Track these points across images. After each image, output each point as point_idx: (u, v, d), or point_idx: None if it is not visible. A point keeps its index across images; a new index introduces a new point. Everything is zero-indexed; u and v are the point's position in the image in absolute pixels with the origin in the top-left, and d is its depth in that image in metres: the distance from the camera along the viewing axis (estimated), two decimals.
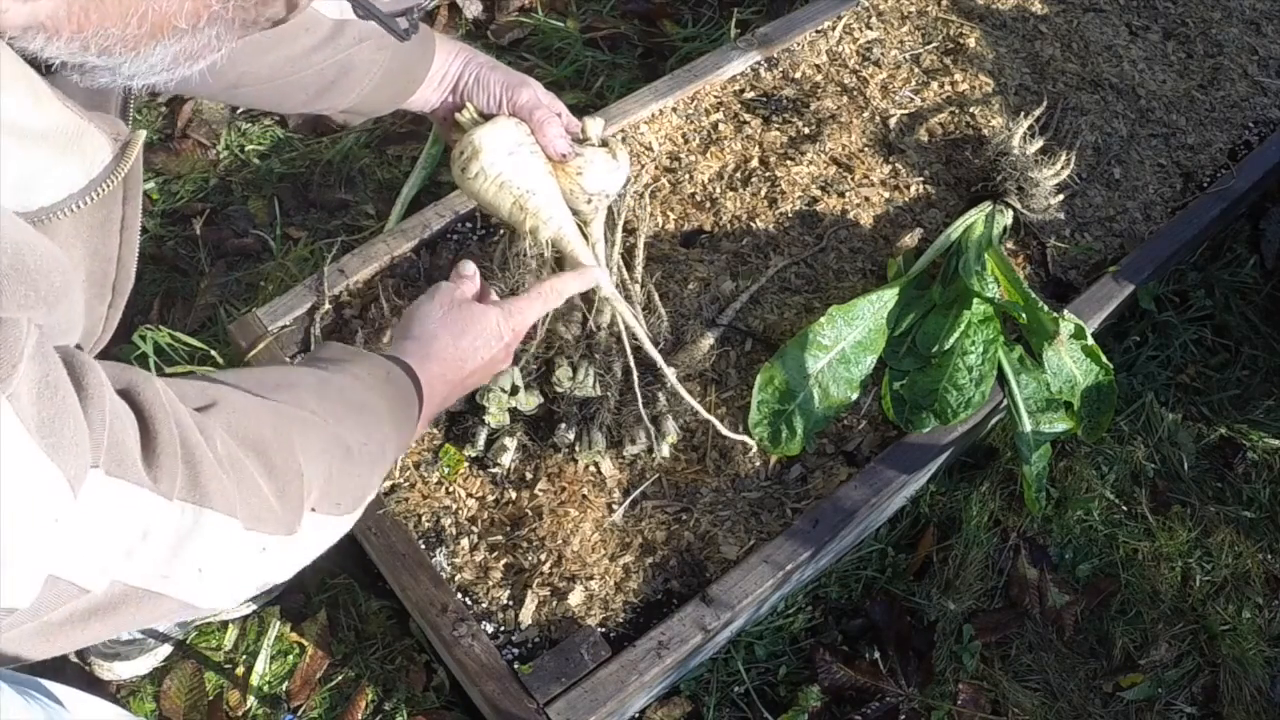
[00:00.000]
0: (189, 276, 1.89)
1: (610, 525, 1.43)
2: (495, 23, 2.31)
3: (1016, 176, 1.72)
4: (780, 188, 1.78)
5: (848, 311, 1.57)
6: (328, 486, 0.83)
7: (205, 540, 0.70)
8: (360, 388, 0.95)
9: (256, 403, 0.80)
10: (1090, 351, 1.63)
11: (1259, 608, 1.68)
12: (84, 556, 0.63)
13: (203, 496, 0.69)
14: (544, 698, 1.28)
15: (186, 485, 0.68)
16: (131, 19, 0.59)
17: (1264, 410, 1.87)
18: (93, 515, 0.62)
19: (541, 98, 1.27)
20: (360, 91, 1.18)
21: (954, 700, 1.54)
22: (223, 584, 0.74)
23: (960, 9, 2.11)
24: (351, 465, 0.87)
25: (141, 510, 0.65)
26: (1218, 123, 2.02)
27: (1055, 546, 1.70)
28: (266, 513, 0.75)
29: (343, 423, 0.88)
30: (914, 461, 1.52)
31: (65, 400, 0.59)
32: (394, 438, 0.97)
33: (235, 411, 0.76)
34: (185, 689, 1.48)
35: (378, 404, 0.96)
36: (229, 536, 0.71)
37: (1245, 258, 2.00)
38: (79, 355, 0.64)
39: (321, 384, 0.91)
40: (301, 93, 1.14)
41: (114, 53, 0.61)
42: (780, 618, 1.57)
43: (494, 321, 1.17)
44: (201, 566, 0.70)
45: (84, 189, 0.69)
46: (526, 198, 1.26)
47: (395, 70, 1.19)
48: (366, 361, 1.01)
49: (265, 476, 0.75)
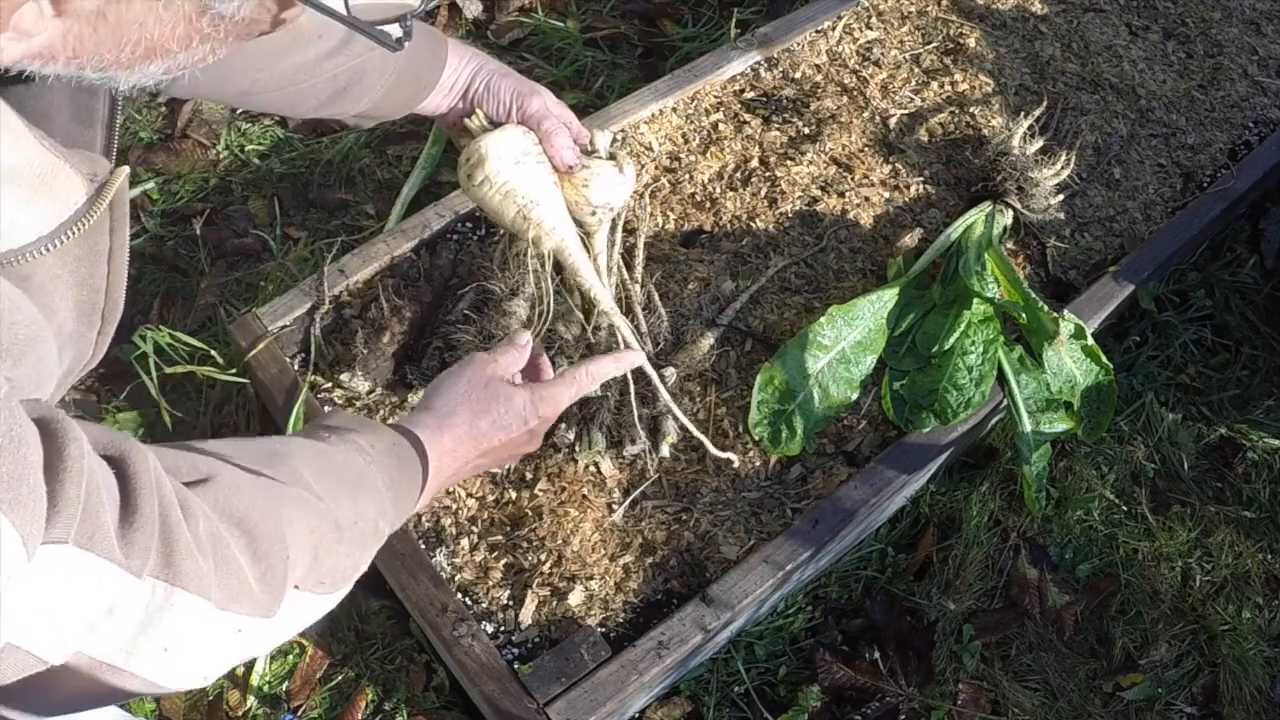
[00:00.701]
0: (189, 276, 1.89)
1: (610, 525, 1.43)
2: (495, 23, 2.32)
3: (1016, 176, 1.72)
4: (780, 188, 1.78)
5: (848, 311, 1.57)
6: (314, 565, 0.81)
7: (175, 620, 0.68)
8: (361, 461, 0.92)
9: (248, 480, 0.79)
10: (1090, 351, 1.63)
11: (1259, 608, 1.68)
12: (44, 626, 0.61)
13: (175, 575, 0.67)
14: (544, 698, 1.28)
15: (160, 563, 0.66)
16: (125, 46, 0.60)
17: (1264, 410, 1.87)
18: (56, 585, 0.61)
19: (551, 107, 1.27)
20: (372, 97, 1.18)
21: (954, 700, 1.54)
22: (192, 664, 0.72)
23: (960, 9, 2.11)
24: (341, 544, 0.85)
25: (109, 585, 0.63)
26: (1218, 123, 2.02)
27: (1055, 546, 1.70)
28: (245, 594, 0.73)
29: (336, 498, 0.85)
30: (914, 461, 1.52)
31: (27, 457, 0.58)
32: (390, 512, 0.94)
33: (225, 488, 0.75)
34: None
35: (376, 478, 0.93)
36: (201, 618, 0.70)
37: (1245, 258, 2.00)
38: (63, 421, 0.62)
39: (318, 456, 0.89)
40: (314, 98, 1.14)
41: (109, 71, 0.62)
42: (780, 618, 1.57)
43: (520, 405, 1.13)
44: (168, 646, 0.69)
45: (54, 231, 0.67)
46: (530, 208, 1.26)
47: (407, 76, 1.19)
48: (372, 432, 0.98)
49: (248, 557, 0.74)
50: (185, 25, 0.60)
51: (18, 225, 0.65)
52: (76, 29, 0.58)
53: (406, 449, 1.01)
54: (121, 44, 0.60)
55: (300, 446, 0.89)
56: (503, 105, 1.26)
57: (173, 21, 0.59)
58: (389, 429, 1.02)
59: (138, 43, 0.60)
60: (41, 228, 0.67)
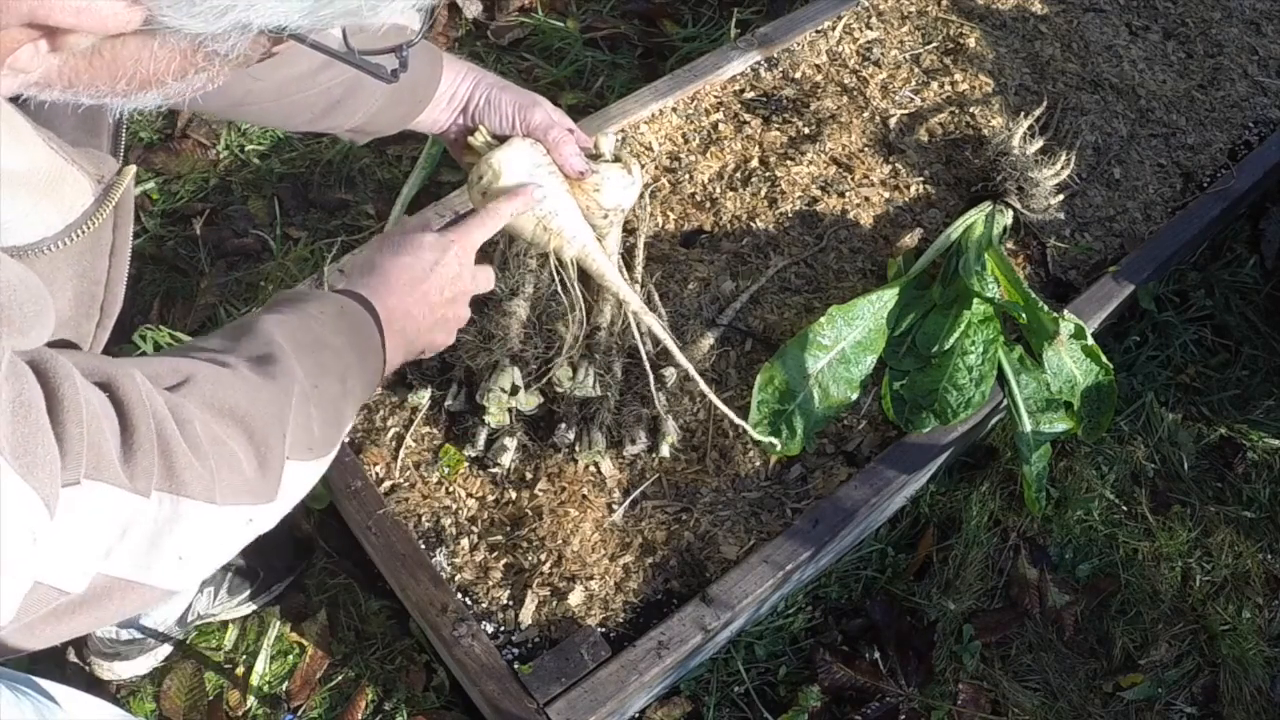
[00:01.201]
0: (189, 276, 1.89)
1: (610, 525, 1.43)
2: (495, 23, 2.32)
3: (1016, 176, 1.72)
4: (780, 188, 1.78)
5: (848, 311, 1.57)
6: (298, 433, 0.84)
7: (185, 528, 0.71)
8: (315, 326, 0.94)
9: (224, 371, 0.81)
10: (1090, 351, 1.63)
11: (1259, 608, 1.68)
12: (64, 562, 0.64)
13: (179, 486, 0.70)
14: (544, 698, 1.28)
15: (163, 476, 0.69)
16: (120, 79, 0.60)
17: (1264, 410, 1.87)
18: (72, 521, 0.63)
19: (554, 116, 1.27)
20: (367, 111, 1.17)
21: (954, 700, 1.54)
22: (208, 563, 0.76)
23: (960, 9, 2.11)
24: (316, 408, 0.88)
25: (119, 510, 0.66)
26: (1218, 123, 2.02)
27: (1055, 546, 1.70)
28: (248, 486, 0.76)
29: (302, 364, 0.88)
30: (914, 461, 1.52)
31: (38, 420, 0.60)
32: (357, 369, 0.96)
33: (208, 384, 0.77)
34: (185, 689, 1.48)
35: (334, 340, 0.95)
36: (210, 520, 0.73)
37: (1245, 258, 2.00)
38: (53, 360, 0.64)
39: (279, 325, 0.91)
40: (308, 111, 1.13)
41: (104, 99, 0.62)
42: (780, 618, 1.57)
43: (433, 240, 1.14)
44: (182, 554, 0.72)
45: (60, 232, 0.69)
46: (550, 218, 1.27)
47: (403, 90, 1.18)
48: (319, 299, 1.00)
49: (246, 445, 0.77)
50: (180, 60, 0.60)
51: (24, 226, 0.67)
52: (72, 63, 0.58)
53: (354, 308, 1.02)
54: (116, 77, 0.60)
55: (262, 322, 0.91)
56: (506, 118, 1.25)
57: (167, 58, 0.60)
58: (334, 295, 1.03)
59: (133, 76, 0.60)
60: (46, 229, 0.68)
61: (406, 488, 1.45)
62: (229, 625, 1.55)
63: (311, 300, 0.99)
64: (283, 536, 1.59)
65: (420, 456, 1.47)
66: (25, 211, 0.66)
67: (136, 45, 0.58)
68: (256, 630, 1.55)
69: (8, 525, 0.58)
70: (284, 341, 0.89)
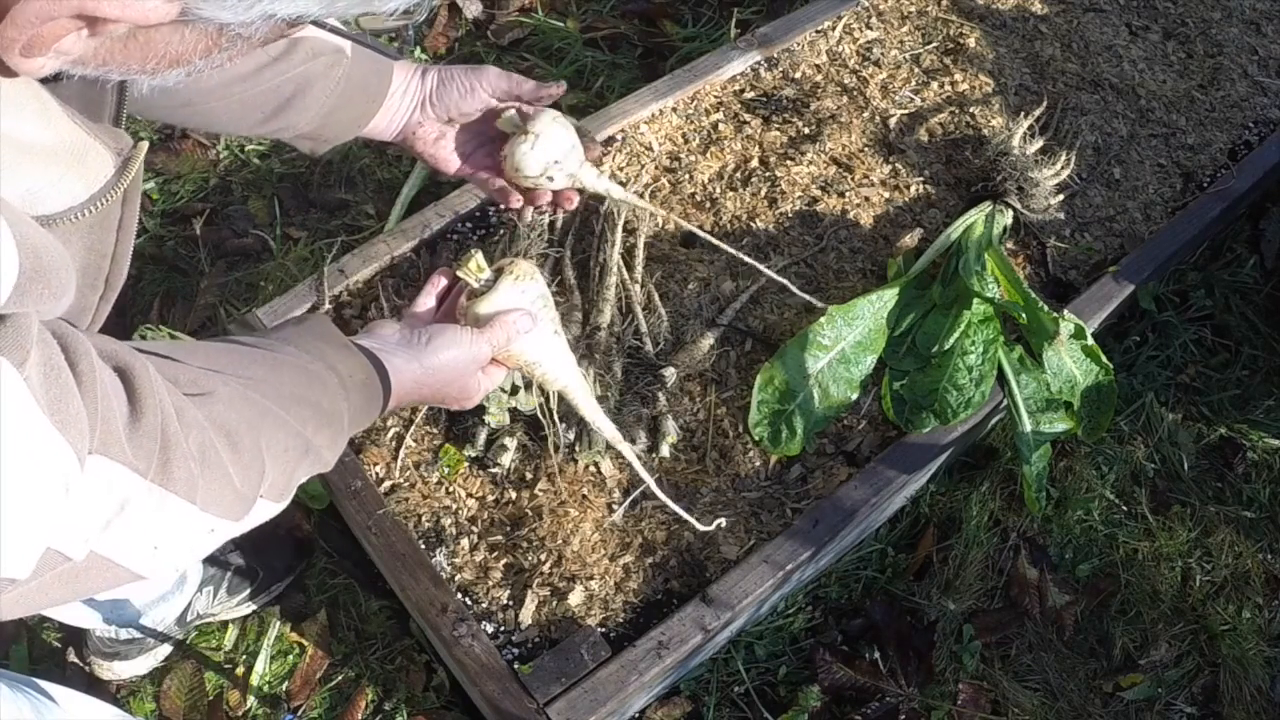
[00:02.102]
0: (189, 276, 1.89)
1: (610, 525, 1.43)
2: (495, 23, 2.32)
3: (1016, 176, 1.72)
4: (780, 188, 1.78)
5: (848, 311, 1.57)
6: (278, 479, 0.88)
7: (164, 520, 0.74)
8: (340, 397, 0.97)
9: (243, 399, 0.85)
10: (1090, 351, 1.63)
11: (1259, 608, 1.68)
12: (72, 528, 0.67)
13: (169, 480, 0.73)
14: (544, 698, 1.28)
15: (159, 469, 0.72)
16: (150, 60, 0.65)
17: (1264, 410, 1.87)
18: (82, 489, 0.67)
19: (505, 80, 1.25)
20: (318, 110, 1.16)
21: (954, 700, 1.54)
22: (172, 560, 0.79)
23: (960, 9, 2.11)
24: (303, 465, 0.92)
25: (122, 485, 0.69)
26: (1218, 123, 2.02)
27: (1055, 546, 1.70)
28: (224, 499, 0.80)
29: (306, 424, 0.92)
30: (914, 461, 1.52)
31: (66, 381, 0.64)
32: (343, 442, 1.00)
33: (221, 404, 0.82)
34: (185, 689, 1.48)
35: (344, 416, 0.98)
36: (184, 519, 0.76)
37: (1245, 258, 2.00)
38: (74, 336, 0.68)
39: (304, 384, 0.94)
40: (257, 111, 1.13)
41: (132, 75, 0.67)
42: (780, 618, 1.57)
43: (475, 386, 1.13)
44: (157, 545, 0.75)
45: (85, 202, 0.74)
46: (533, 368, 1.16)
47: (354, 89, 1.17)
48: (353, 361, 1.01)
49: (233, 466, 0.81)
50: (207, 43, 0.66)
51: (53, 195, 0.71)
52: (108, 46, 0.64)
53: (375, 389, 1.03)
54: (147, 59, 0.65)
55: (291, 372, 0.94)
56: (462, 87, 1.24)
57: (195, 41, 0.65)
58: (368, 364, 1.02)
59: (163, 56, 0.65)
60: (72, 199, 0.72)
61: (406, 488, 1.45)
62: (229, 625, 1.55)
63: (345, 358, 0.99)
64: (283, 537, 1.60)
65: (420, 456, 1.47)
66: (54, 181, 0.70)
67: (169, 31, 0.63)
68: (256, 630, 1.55)
69: (43, 474, 0.62)
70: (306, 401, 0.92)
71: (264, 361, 0.93)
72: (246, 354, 0.93)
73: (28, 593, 0.68)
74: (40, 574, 0.66)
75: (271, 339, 0.98)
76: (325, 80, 1.14)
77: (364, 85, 1.18)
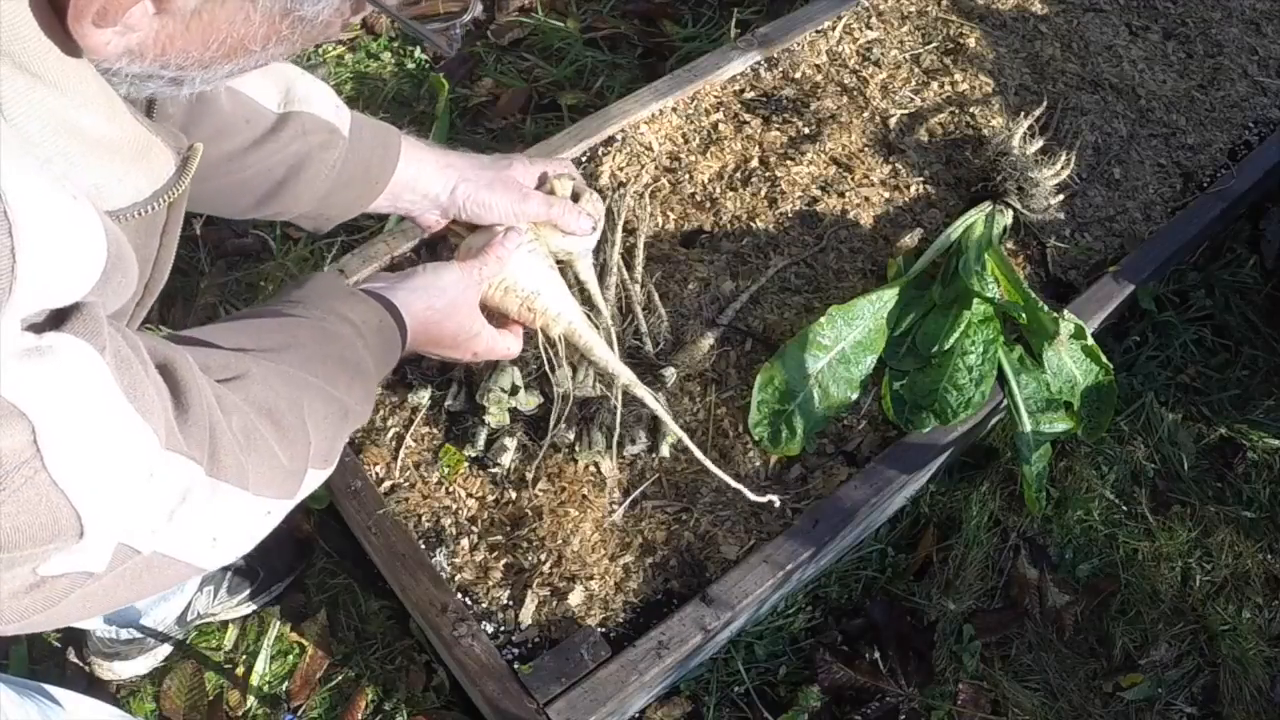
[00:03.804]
0: (189, 276, 1.89)
1: (610, 525, 1.43)
2: (495, 23, 2.32)
3: (1016, 176, 1.72)
4: (780, 188, 1.78)
5: (848, 311, 1.57)
6: (322, 445, 0.89)
7: (219, 511, 0.74)
8: (360, 346, 0.99)
9: (275, 374, 0.86)
10: (1090, 351, 1.63)
11: (1259, 608, 1.68)
12: (146, 517, 0.67)
13: (219, 470, 0.73)
14: (544, 698, 1.28)
15: (209, 459, 0.72)
16: (211, 44, 0.65)
17: (1264, 410, 1.87)
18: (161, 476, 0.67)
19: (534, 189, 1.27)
20: (314, 193, 1.14)
21: (954, 700, 1.54)
22: (229, 549, 0.79)
23: (960, 9, 2.11)
24: (345, 424, 0.94)
25: (184, 476, 0.69)
26: (1218, 123, 2.02)
27: (1055, 546, 1.70)
28: (275, 480, 0.80)
29: (337, 384, 0.94)
30: (914, 461, 1.52)
31: (137, 370, 0.65)
32: (374, 391, 1.03)
33: (257, 384, 0.82)
34: (185, 689, 1.48)
35: (369, 363, 1.00)
36: (241, 506, 0.77)
37: (1245, 258, 2.00)
38: (126, 330, 0.68)
39: (326, 343, 0.96)
40: (249, 194, 1.10)
41: (187, 70, 0.67)
42: (780, 618, 1.57)
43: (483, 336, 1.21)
44: (216, 536, 0.75)
45: (149, 197, 0.74)
46: (533, 298, 1.25)
47: (354, 169, 1.15)
48: (366, 308, 1.04)
49: (279, 444, 0.81)
50: (269, 26, 0.65)
51: (119, 190, 0.71)
52: (170, 27, 0.63)
53: (391, 329, 1.06)
54: (209, 42, 0.65)
55: (309, 334, 0.96)
56: (503, 218, 1.25)
57: (259, 21, 0.65)
58: (378, 306, 1.06)
59: (224, 41, 0.65)
60: (137, 195, 0.73)
61: (406, 488, 1.45)
62: (229, 625, 1.55)
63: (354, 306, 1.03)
64: (283, 536, 1.60)
65: (420, 456, 1.47)
66: (120, 176, 0.70)
67: (235, 6, 0.63)
68: (256, 630, 1.55)
69: (131, 458, 0.62)
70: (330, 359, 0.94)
71: (283, 329, 0.94)
72: (264, 325, 0.94)
73: (96, 591, 0.67)
74: (112, 568, 0.66)
75: (281, 303, 0.99)
76: (321, 162, 1.11)
77: (365, 169, 1.16)
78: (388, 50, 2.29)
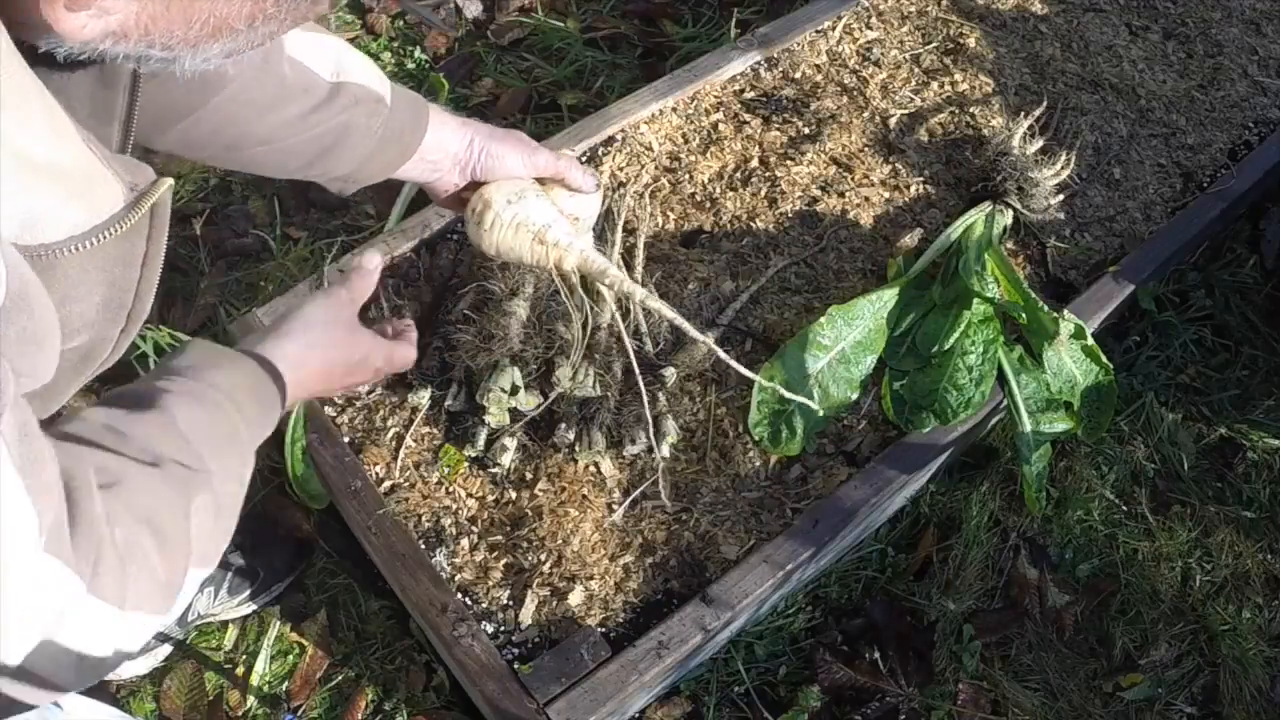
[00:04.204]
0: (189, 276, 1.89)
1: (610, 525, 1.43)
2: (495, 23, 2.32)
3: (1016, 176, 1.72)
4: (780, 188, 1.78)
5: (848, 311, 1.57)
6: (204, 545, 0.82)
7: (93, 631, 0.69)
8: (235, 415, 0.91)
9: (154, 478, 0.79)
10: (1090, 351, 1.63)
11: (1259, 608, 1.68)
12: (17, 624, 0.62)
13: (99, 588, 0.68)
14: (544, 698, 1.28)
15: (91, 576, 0.67)
16: (194, 23, 0.64)
17: (1264, 410, 1.87)
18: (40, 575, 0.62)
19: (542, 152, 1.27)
20: (354, 158, 1.16)
21: (954, 700, 1.54)
22: (93, 672, 0.73)
23: (960, 9, 2.11)
24: (228, 519, 0.86)
25: (63, 588, 0.65)
26: (1218, 123, 2.02)
27: (1055, 546, 1.70)
28: (151, 595, 0.74)
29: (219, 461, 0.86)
30: (914, 461, 1.52)
31: (37, 448, 0.61)
32: (250, 453, 0.94)
33: (136, 492, 0.76)
34: (185, 689, 1.48)
35: (243, 431, 0.92)
36: (114, 624, 0.71)
37: (1245, 258, 2.00)
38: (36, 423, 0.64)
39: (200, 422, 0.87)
40: (299, 158, 1.13)
41: (175, 50, 0.66)
42: (780, 618, 1.57)
43: (375, 358, 1.14)
44: (84, 656, 0.70)
45: (85, 233, 0.70)
46: (545, 230, 1.26)
47: (390, 138, 1.17)
48: (237, 370, 0.96)
49: (159, 556, 0.75)
50: (253, 4, 0.64)
51: (53, 222, 0.68)
52: (151, 8, 0.62)
53: (267, 386, 0.99)
54: (191, 21, 0.64)
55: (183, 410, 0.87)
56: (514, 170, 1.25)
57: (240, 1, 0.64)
58: (251, 363, 0.99)
59: (206, 20, 0.64)
60: (72, 229, 0.69)
61: (406, 488, 1.45)
62: (229, 625, 1.55)
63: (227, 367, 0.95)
64: (283, 536, 1.60)
65: (420, 456, 1.47)
66: (55, 206, 0.67)
67: None
68: (256, 630, 1.55)
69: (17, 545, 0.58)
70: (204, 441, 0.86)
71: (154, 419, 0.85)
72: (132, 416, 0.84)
73: None
74: None
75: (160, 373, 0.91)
76: (365, 129, 1.14)
77: (399, 135, 1.18)
78: (388, 50, 2.29)
